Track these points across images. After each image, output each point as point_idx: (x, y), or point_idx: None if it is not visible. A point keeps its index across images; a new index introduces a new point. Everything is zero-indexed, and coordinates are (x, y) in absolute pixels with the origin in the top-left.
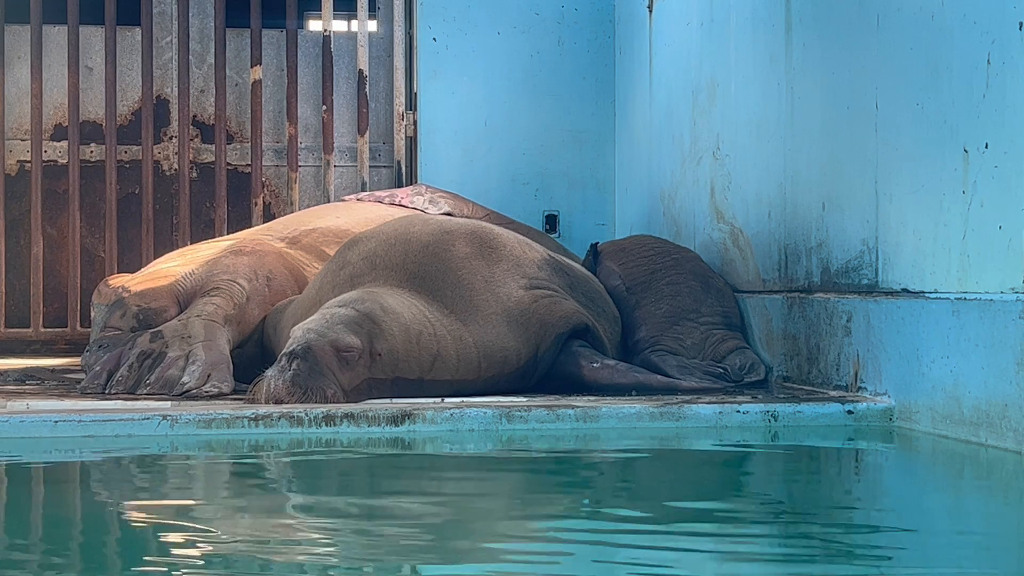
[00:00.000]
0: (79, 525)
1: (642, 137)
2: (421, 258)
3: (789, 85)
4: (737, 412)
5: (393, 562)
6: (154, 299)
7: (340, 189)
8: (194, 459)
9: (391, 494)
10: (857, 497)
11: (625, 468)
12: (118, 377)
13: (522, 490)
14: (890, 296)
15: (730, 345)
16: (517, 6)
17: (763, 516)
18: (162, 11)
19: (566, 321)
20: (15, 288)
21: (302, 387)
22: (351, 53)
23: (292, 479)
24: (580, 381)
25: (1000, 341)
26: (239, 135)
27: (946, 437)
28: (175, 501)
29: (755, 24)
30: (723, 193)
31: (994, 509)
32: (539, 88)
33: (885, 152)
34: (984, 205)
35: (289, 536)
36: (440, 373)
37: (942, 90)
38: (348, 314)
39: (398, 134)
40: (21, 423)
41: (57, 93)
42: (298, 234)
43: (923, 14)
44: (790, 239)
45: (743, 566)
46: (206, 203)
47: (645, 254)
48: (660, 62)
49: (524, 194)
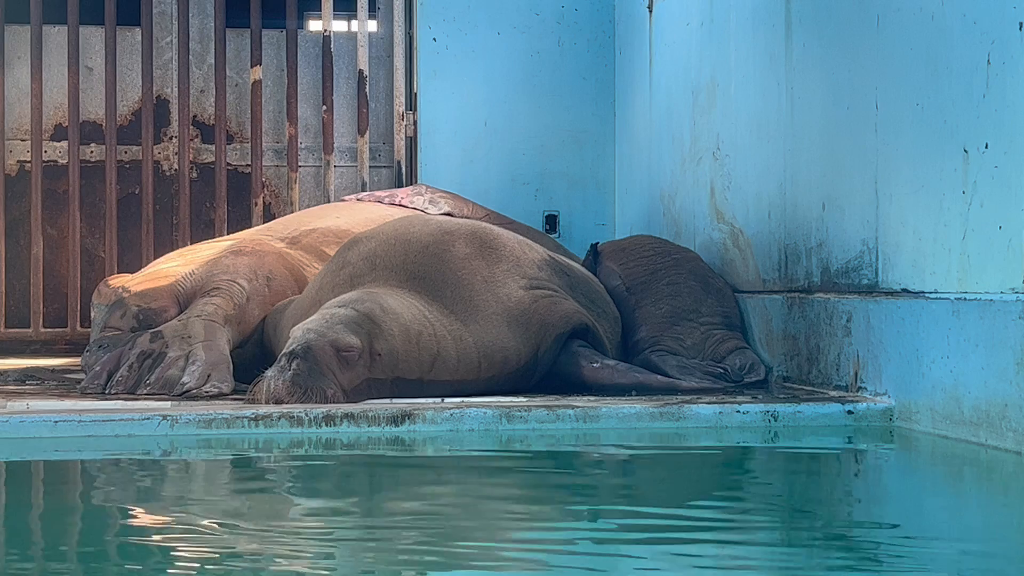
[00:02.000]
0: (79, 525)
1: (642, 137)
2: (421, 258)
3: (789, 85)
4: (737, 412)
5: (393, 563)
6: (154, 299)
7: (340, 189)
8: (194, 459)
9: (391, 494)
10: (857, 497)
11: (625, 468)
12: (118, 377)
13: (522, 490)
14: (890, 296)
15: (730, 345)
16: (517, 6)
17: (763, 516)
18: (162, 11)
19: (566, 321)
20: (15, 288)
21: (302, 387)
22: (351, 53)
23: (292, 479)
24: (580, 381)
25: (1000, 341)
26: (239, 135)
27: (946, 437)
28: (175, 502)
29: (755, 24)
30: (723, 193)
31: (994, 509)
32: (539, 88)
33: (885, 152)
34: (984, 205)
35: (289, 536)
36: (440, 373)
37: (942, 90)
38: (348, 314)
39: (398, 134)
40: (21, 423)
41: (57, 93)
42: (298, 234)
43: (923, 14)
44: (790, 239)
45: (743, 566)
46: (206, 203)
47: (645, 254)
48: (660, 62)
49: (524, 194)
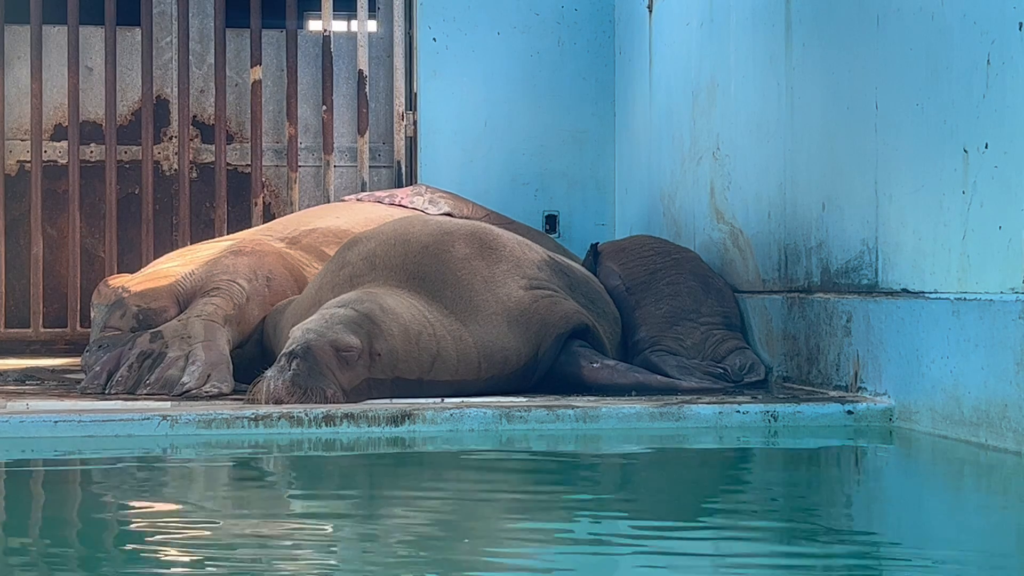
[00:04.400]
0: (79, 525)
1: (642, 137)
2: (421, 259)
3: (789, 85)
4: (737, 412)
5: (393, 563)
6: (154, 299)
7: (340, 189)
8: (194, 459)
9: (391, 494)
10: (856, 497)
11: (625, 468)
12: (118, 377)
13: (522, 490)
14: (890, 296)
15: (730, 345)
16: (517, 6)
17: (763, 516)
18: (162, 11)
19: (566, 321)
20: (15, 288)
21: (302, 387)
22: (351, 53)
23: (292, 479)
24: (580, 381)
25: (1000, 341)
26: (239, 135)
27: (946, 437)
28: (175, 502)
29: (755, 24)
30: (723, 193)
31: (994, 509)
32: (539, 88)
33: (885, 152)
34: (984, 205)
35: (289, 537)
36: (440, 373)
37: (942, 90)
38: (347, 314)
39: (398, 134)
40: (21, 423)
41: (57, 93)
42: (298, 234)
43: (923, 14)
44: (790, 239)
45: (743, 566)
46: (206, 203)
47: (645, 254)
48: (660, 62)
49: (524, 194)
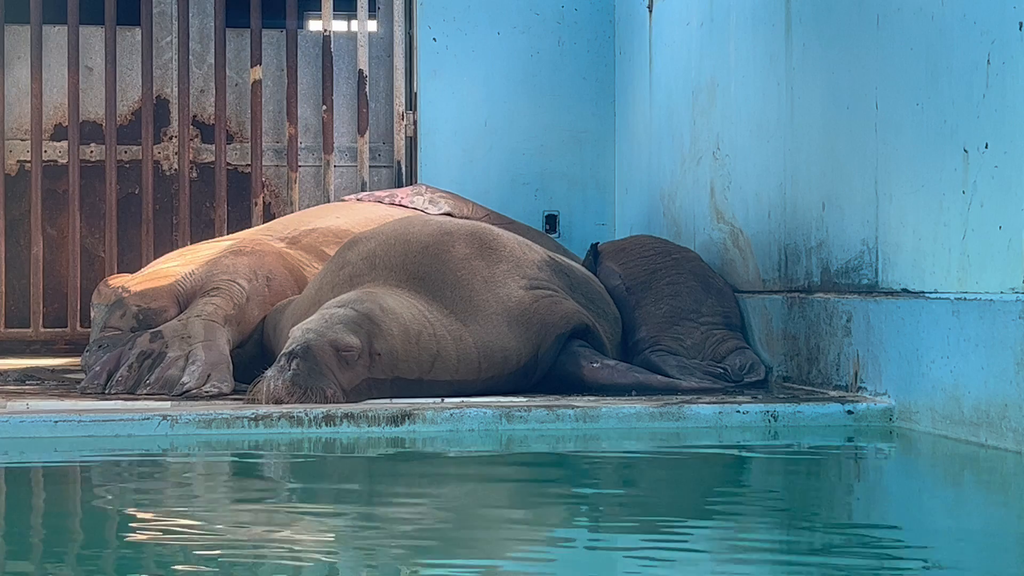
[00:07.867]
0: (79, 526)
1: (642, 137)
2: (421, 258)
3: (789, 85)
4: (737, 412)
5: (393, 563)
6: (154, 299)
7: (340, 189)
8: (194, 459)
9: (391, 495)
10: (857, 497)
11: (625, 468)
12: (118, 377)
13: (522, 490)
14: (890, 296)
15: (730, 345)
16: (517, 6)
17: (763, 516)
18: (162, 11)
19: (566, 321)
20: (15, 288)
21: (302, 387)
22: (351, 53)
23: (292, 479)
24: (580, 381)
25: (1000, 341)
26: (239, 135)
27: (946, 437)
28: (175, 502)
29: (755, 24)
30: (723, 193)
31: (994, 509)
32: (539, 88)
33: (885, 152)
34: (984, 205)
35: (289, 537)
36: (440, 373)
37: (942, 90)
38: (347, 314)
39: (398, 134)
40: (21, 423)
41: (57, 93)
42: (298, 234)
43: (923, 14)
44: (790, 239)
45: (743, 566)
46: (206, 203)
47: (645, 254)
48: (660, 62)
49: (524, 194)
